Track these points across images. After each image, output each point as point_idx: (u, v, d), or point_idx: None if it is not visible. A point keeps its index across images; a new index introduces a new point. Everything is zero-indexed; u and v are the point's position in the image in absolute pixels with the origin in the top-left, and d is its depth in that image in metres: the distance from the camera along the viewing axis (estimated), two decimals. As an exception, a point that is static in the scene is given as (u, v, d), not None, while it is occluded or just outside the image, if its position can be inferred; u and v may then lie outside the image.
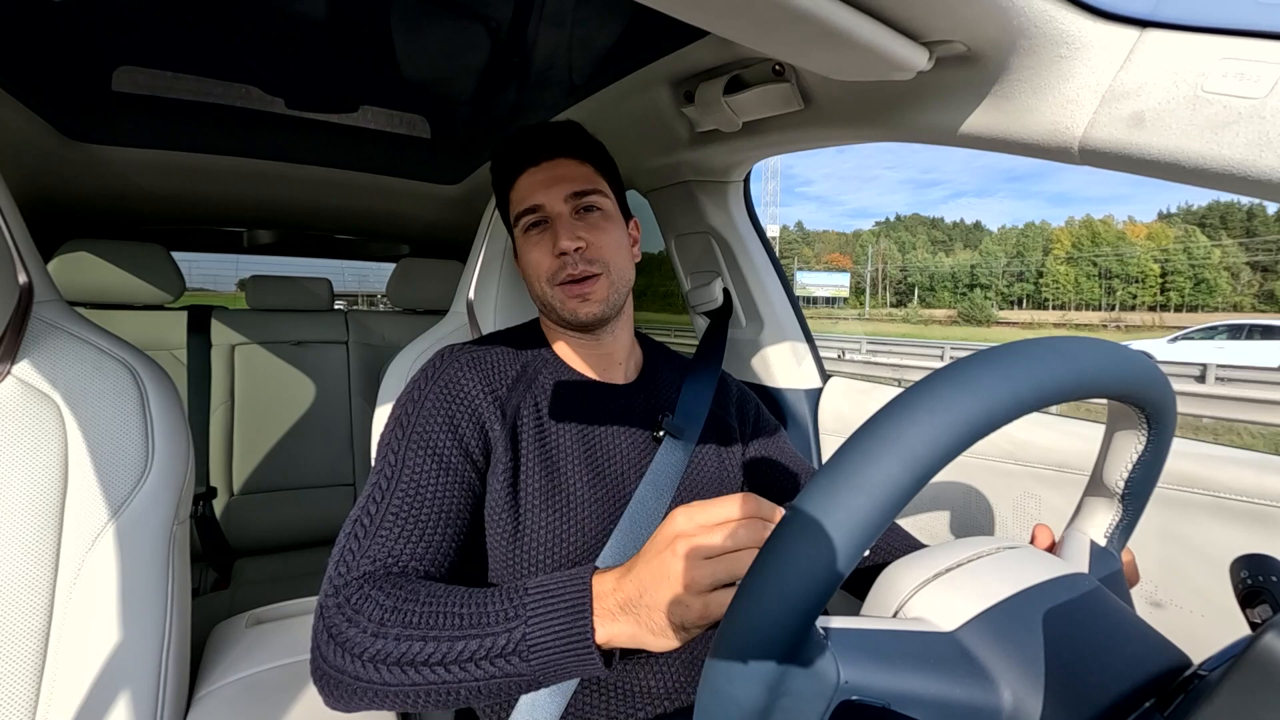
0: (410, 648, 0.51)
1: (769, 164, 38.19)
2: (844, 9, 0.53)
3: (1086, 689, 0.36)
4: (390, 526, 0.61)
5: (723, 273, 1.30)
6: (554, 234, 0.74)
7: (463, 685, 0.50)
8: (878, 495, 0.32)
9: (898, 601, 0.43)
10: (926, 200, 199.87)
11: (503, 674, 0.49)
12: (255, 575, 1.82)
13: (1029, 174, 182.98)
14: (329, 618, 0.55)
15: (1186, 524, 0.77)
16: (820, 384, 1.29)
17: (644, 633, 0.48)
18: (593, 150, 0.80)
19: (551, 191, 0.75)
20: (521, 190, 0.77)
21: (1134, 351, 0.43)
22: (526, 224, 0.77)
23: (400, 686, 0.51)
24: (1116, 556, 0.54)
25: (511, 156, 0.79)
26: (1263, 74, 0.49)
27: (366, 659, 0.52)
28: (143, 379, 0.72)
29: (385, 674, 0.51)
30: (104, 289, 1.70)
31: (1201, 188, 0.56)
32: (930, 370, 0.76)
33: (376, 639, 0.52)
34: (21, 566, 0.63)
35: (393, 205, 1.95)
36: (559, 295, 0.75)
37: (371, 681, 0.52)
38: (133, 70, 1.10)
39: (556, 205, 0.75)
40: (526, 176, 0.77)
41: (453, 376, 0.71)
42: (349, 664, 0.52)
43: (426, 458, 0.65)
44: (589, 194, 0.77)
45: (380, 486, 0.64)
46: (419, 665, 0.51)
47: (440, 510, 0.63)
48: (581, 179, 0.77)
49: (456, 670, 0.50)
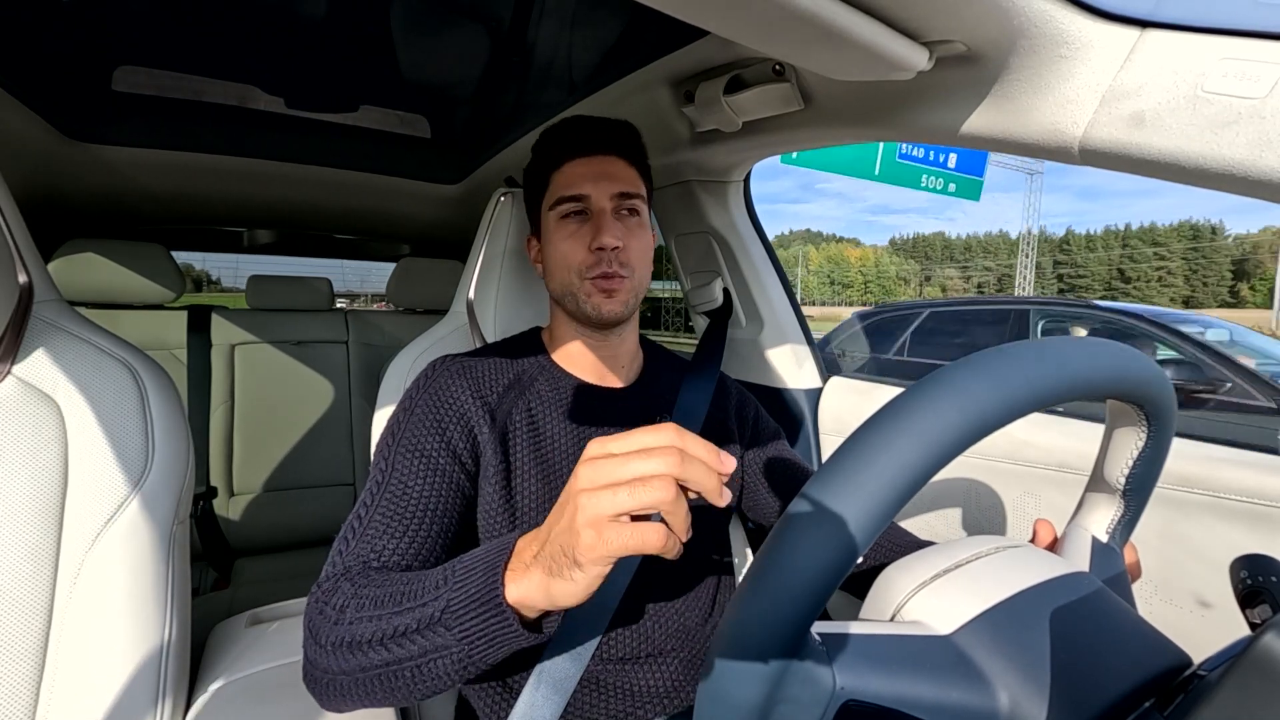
0: (359, 630, 0.50)
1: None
2: (844, 9, 0.52)
3: (1086, 689, 0.36)
4: (376, 526, 0.62)
5: (723, 273, 1.30)
6: (595, 228, 0.73)
7: (404, 666, 0.48)
8: (875, 497, 0.32)
9: (895, 604, 0.43)
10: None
11: (433, 648, 0.47)
12: (255, 575, 1.82)
13: (1054, 167, 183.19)
14: (308, 614, 0.56)
15: (1186, 524, 0.77)
16: (820, 384, 1.29)
17: (548, 578, 0.43)
18: (642, 157, 0.81)
19: (600, 185, 0.75)
20: (568, 176, 0.76)
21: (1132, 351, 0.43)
22: (565, 210, 0.76)
23: (355, 674, 0.51)
24: (1118, 553, 0.54)
25: (563, 141, 0.78)
26: (1263, 74, 0.49)
27: (330, 646, 0.52)
28: (143, 379, 0.72)
29: (344, 660, 0.51)
30: (104, 289, 1.70)
31: (1202, 188, 0.56)
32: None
33: (337, 625, 0.52)
34: (22, 566, 0.63)
35: (393, 205, 1.95)
36: (587, 288, 0.74)
37: (338, 671, 0.52)
38: (133, 70, 1.10)
39: (602, 200, 0.75)
40: (576, 165, 0.76)
41: (442, 385, 0.72)
42: (319, 655, 0.53)
43: (414, 460, 0.66)
44: (633, 198, 0.76)
45: (371, 492, 0.65)
46: (364, 646, 0.50)
47: (427, 509, 0.64)
48: (629, 181, 0.77)
49: (395, 648, 0.48)
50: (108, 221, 1.79)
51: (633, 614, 0.71)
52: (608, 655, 0.69)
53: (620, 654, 0.70)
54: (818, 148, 1.02)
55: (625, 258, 0.74)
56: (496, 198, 1.02)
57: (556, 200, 0.76)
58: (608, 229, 0.72)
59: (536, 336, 0.84)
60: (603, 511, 0.39)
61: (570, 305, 0.77)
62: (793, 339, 1.29)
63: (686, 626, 0.74)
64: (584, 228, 0.75)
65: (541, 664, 0.66)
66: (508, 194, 1.01)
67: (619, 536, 0.39)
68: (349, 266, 11.94)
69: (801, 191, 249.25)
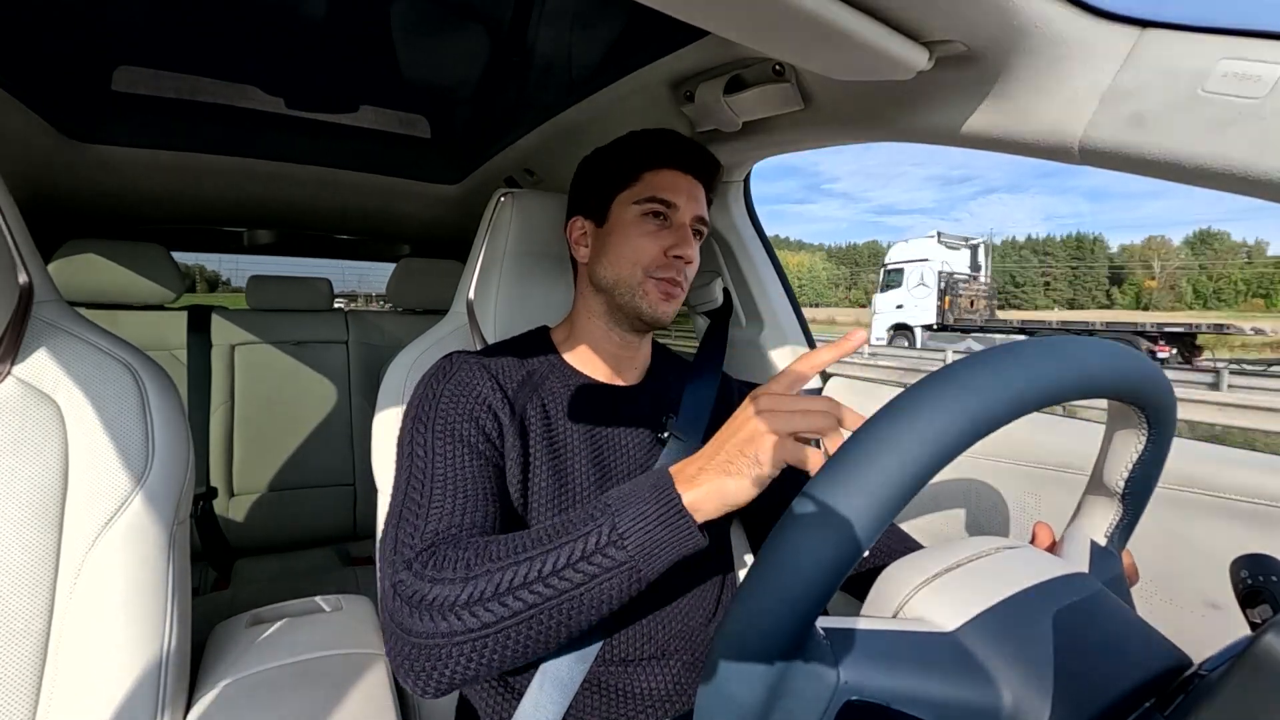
0: (504, 576, 0.51)
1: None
2: (844, 9, 0.52)
3: (1087, 689, 0.36)
4: (440, 503, 0.61)
5: (723, 273, 1.30)
6: (677, 237, 0.77)
7: (567, 597, 0.51)
8: (877, 495, 0.32)
9: (898, 601, 0.43)
10: (956, 197, 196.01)
11: (603, 569, 0.51)
12: (255, 575, 1.82)
13: (1062, 169, 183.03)
14: (407, 591, 0.54)
15: (1187, 524, 0.77)
16: (820, 384, 1.29)
17: (723, 478, 0.52)
18: (712, 194, 0.86)
19: (691, 203, 0.79)
20: (666, 180, 0.79)
21: (1133, 352, 0.43)
22: (651, 209, 0.78)
23: (503, 623, 0.51)
24: (1117, 556, 0.54)
25: (668, 148, 0.81)
26: (1263, 74, 0.49)
27: (461, 606, 0.51)
28: (143, 379, 0.72)
29: (485, 614, 0.51)
30: (104, 289, 1.70)
31: (1202, 188, 0.56)
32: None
33: (467, 584, 0.52)
34: (22, 566, 0.63)
35: (393, 205, 1.95)
36: (651, 286, 0.77)
37: (472, 630, 0.51)
38: (133, 70, 1.10)
39: (687, 215, 0.79)
40: (675, 174, 0.79)
41: (464, 376, 0.72)
42: (443, 623, 0.51)
43: (455, 444, 0.66)
44: (704, 225, 0.82)
45: (417, 476, 0.64)
46: (517, 590, 0.51)
47: (479, 489, 0.64)
48: (705, 209, 0.82)
49: (556, 581, 0.51)
50: (108, 222, 1.79)
51: (636, 615, 0.71)
52: (610, 657, 0.69)
53: (623, 655, 0.70)
54: (818, 148, 1.02)
55: (687, 273, 0.79)
56: (496, 198, 1.02)
57: (647, 198, 0.78)
58: (689, 242, 0.78)
59: (544, 336, 0.85)
60: (782, 426, 0.52)
61: (623, 298, 0.78)
62: (793, 339, 1.29)
63: (690, 628, 0.74)
64: (664, 231, 0.78)
65: (546, 665, 0.66)
66: (508, 194, 1.01)
67: (794, 449, 0.52)
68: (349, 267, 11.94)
69: (807, 192, 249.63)
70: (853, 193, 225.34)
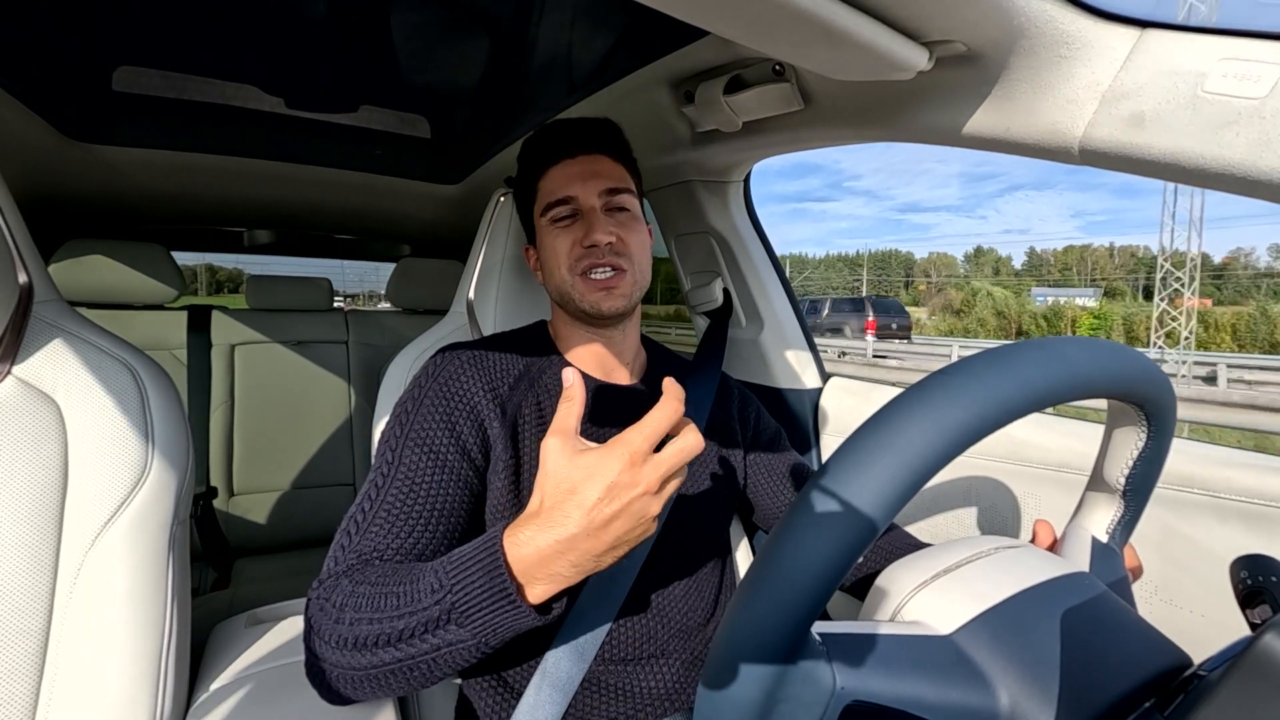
0: (361, 630, 0.51)
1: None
2: (844, 9, 0.52)
3: (1086, 689, 0.36)
4: (382, 522, 0.61)
5: (723, 273, 1.30)
6: (586, 226, 0.74)
7: (418, 660, 0.50)
8: (875, 496, 0.32)
9: (896, 604, 0.43)
10: (981, 194, 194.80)
11: (446, 643, 0.49)
12: (255, 575, 1.82)
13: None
14: (309, 609, 0.56)
15: (1186, 524, 0.77)
16: (820, 384, 1.29)
17: (593, 560, 0.47)
18: (626, 152, 0.81)
19: (587, 185, 0.75)
20: (554, 181, 0.77)
21: (1133, 351, 0.43)
22: (556, 215, 0.76)
23: (366, 670, 0.52)
24: (1118, 554, 0.54)
25: (546, 147, 0.78)
26: (1263, 74, 0.49)
27: (334, 644, 0.52)
28: (143, 379, 0.72)
29: (351, 658, 0.52)
30: (104, 289, 1.70)
31: (1202, 188, 0.56)
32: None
33: (338, 624, 0.53)
34: (21, 566, 0.63)
35: (393, 205, 1.95)
36: (580, 285, 0.74)
37: (344, 666, 0.52)
38: (133, 70, 1.10)
39: (590, 199, 0.75)
40: (561, 168, 0.77)
41: (453, 375, 0.71)
42: (323, 650, 0.53)
43: (423, 455, 0.65)
44: (622, 193, 0.77)
45: (376, 484, 0.64)
46: (372, 646, 0.51)
47: (434, 507, 0.63)
48: (616, 177, 0.77)
49: (405, 647, 0.50)
50: (108, 221, 1.79)
51: (635, 614, 0.71)
52: (609, 656, 0.69)
53: (622, 655, 0.70)
54: (818, 148, 1.02)
55: (623, 249, 0.75)
56: (496, 198, 1.02)
57: (546, 206, 0.77)
58: (598, 226, 0.73)
59: (543, 329, 0.84)
60: (654, 512, 0.48)
61: (569, 304, 0.77)
62: (793, 339, 1.29)
63: (688, 627, 0.74)
64: (573, 227, 0.75)
65: (544, 664, 0.66)
66: (508, 194, 1.01)
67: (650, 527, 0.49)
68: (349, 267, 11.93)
69: (830, 190, 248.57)
70: (876, 190, 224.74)
